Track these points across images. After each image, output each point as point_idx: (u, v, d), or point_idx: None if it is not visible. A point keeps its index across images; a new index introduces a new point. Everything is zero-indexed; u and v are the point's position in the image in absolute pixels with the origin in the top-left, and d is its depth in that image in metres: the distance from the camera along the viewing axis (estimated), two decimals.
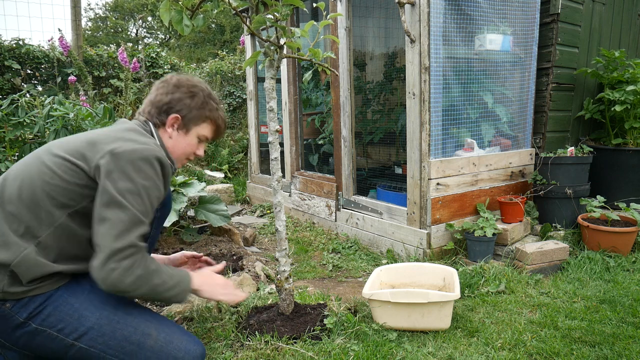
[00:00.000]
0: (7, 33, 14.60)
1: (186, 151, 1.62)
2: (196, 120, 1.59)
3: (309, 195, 3.72)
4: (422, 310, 1.84)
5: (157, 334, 1.42)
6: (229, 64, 6.99)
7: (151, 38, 20.31)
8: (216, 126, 1.64)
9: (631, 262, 2.58)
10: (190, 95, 1.58)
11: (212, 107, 1.61)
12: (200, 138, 1.63)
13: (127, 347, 1.36)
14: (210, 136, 1.65)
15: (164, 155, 1.42)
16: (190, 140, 1.61)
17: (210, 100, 1.62)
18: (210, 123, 1.62)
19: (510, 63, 3.03)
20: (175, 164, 1.62)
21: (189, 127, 1.59)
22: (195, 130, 1.60)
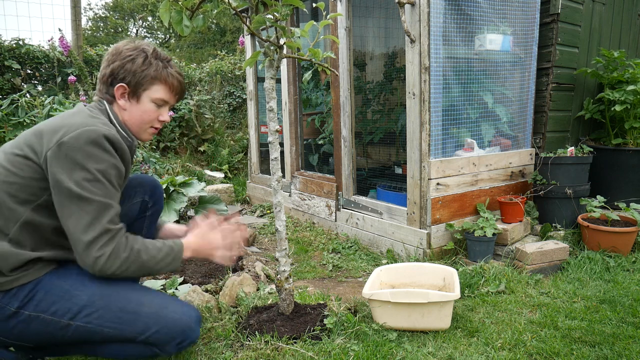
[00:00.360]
0: (7, 33, 14.60)
1: (144, 119, 1.53)
2: (143, 84, 1.48)
3: (309, 195, 3.72)
4: (422, 310, 1.84)
5: (151, 301, 1.44)
6: (229, 64, 6.99)
7: (151, 38, 20.31)
8: (169, 85, 1.52)
9: (631, 262, 2.58)
10: (131, 59, 1.47)
11: (158, 66, 1.49)
12: (156, 102, 1.52)
13: (124, 316, 1.38)
14: (166, 97, 1.53)
15: (112, 132, 1.37)
16: (144, 107, 1.51)
17: (154, 59, 1.50)
18: (161, 83, 1.50)
19: (510, 63, 3.03)
20: (139, 135, 1.56)
21: (138, 93, 1.49)
22: (146, 95, 1.50)
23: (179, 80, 1.55)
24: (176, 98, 1.58)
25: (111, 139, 1.36)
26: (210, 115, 5.83)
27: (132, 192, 1.74)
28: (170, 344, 1.44)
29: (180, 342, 1.46)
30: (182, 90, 1.58)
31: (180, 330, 1.45)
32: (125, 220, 1.68)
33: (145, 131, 1.56)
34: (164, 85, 1.51)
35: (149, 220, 1.79)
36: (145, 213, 1.77)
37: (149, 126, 1.55)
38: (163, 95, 1.52)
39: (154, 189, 1.80)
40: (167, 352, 1.46)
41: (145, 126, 1.54)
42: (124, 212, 1.68)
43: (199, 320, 1.53)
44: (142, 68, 1.47)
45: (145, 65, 1.48)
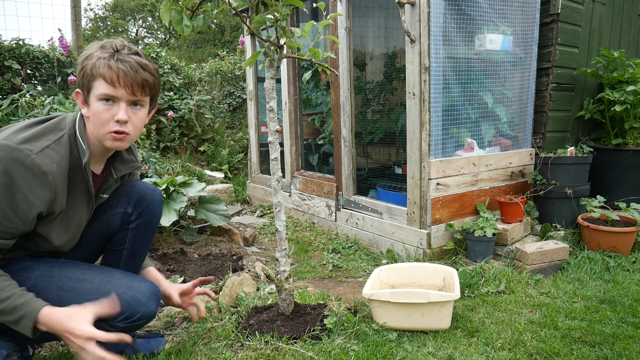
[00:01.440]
0: (7, 33, 14.60)
1: (97, 123, 1.38)
2: (88, 86, 1.37)
3: (309, 195, 3.72)
4: (422, 310, 1.84)
5: (93, 278, 1.40)
6: (229, 64, 6.99)
7: (151, 38, 20.31)
8: (104, 77, 1.34)
9: (631, 262, 2.58)
10: (80, 67, 1.38)
11: (93, 62, 1.35)
12: (100, 98, 1.36)
13: (63, 295, 1.36)
14: (109, 91, 1.36)
15: (29, 157, 1.25)
16: (94, 109, 1.37)
17: (99, 51, 1.37)
18: (99, 78, 1.35)
19: (510, 63, 3.03)
20: (104, 144, 1.40)
21: (88, 97, 1.38)
22: (92, 96, 1.37)
23: (120, 69, 1.34)
24: (128, 90, 1.37)
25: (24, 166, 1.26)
26: (210, 115, 5.83)
27: (115, 201, 1.64)
28: (117, 319, 1.39)
29: (127, 317, 1.40)
30: (132, 79, 1.36)
31: (125, 305, 1.38)
32: (104, 231, 1.63)
33: (105, 136, 1.39)
34: (101, 79, 1.35)
35: (133, 232, 1.66)
36: (128, 225, 1.65)
37: (107, 130, 1.38)
38: (104, 90, 1.35)
39: (140, 199, 1.65)
40: (117, 327, 1.40)
41: (102, 131, 1.38)
42: (104, 220, 1.61)
43: (152, 294, 1.45)
44: (85, 67, 1.36)
45: (86, 62, 1.36)
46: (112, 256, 1.68)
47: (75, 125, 1.41)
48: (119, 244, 1.66)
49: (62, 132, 1.39)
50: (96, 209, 1.60)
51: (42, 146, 1.30)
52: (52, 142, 1.33)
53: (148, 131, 5.08)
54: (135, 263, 1.73)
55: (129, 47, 1.41)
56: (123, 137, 1.40)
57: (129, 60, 1.36)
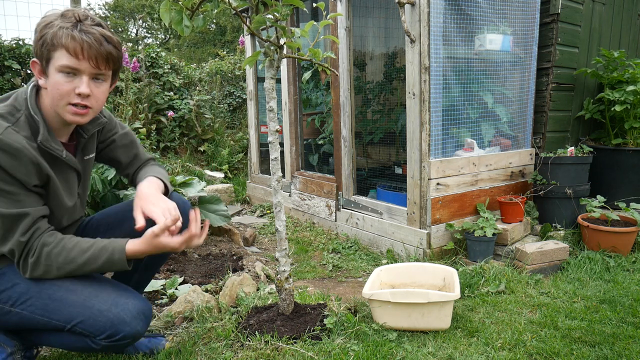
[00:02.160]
0: (7, 33, 14.60)
1: (55, 95, 1.32)
2: (47, 55, 1.29)
3: (309, 195, 3.72)
4: (422, 310, 1.84)
5: (82, 289, 1.39)
6: (229, 64, 6.99)
7: (151, 38, 20.32)
8: (66, 47, 1.27)
9: (631, 262, 2.58)
10: (39, 35, 1.30)
11: (54, 32, 1.28)
12: (62, 71, 1.30)
13: (50, 304, 1.36)
14: (71, 63, 1.29)
15: None
16: (53, 80, 1.31)
17: (59, 20, 1.29)
18: (60, 48, 1.28)
19: (510, 63, 3.03)
20: (63, 117, 1.36)
21: (46, 68, 1.31)
22: (52, 67, 1.30)
23: (84, 40, 1.28)
24: (92, 63, 1.31)
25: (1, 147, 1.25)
26: (210, 115, 5.83)
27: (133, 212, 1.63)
28: (99, 336, 1.36)
29: (110, 336, 1.36)
30: (96, 51, 1.30)
31: (108, 323, 1.35)
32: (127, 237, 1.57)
33: (64, 109, 1.34)
34: (63, 49, 1.27)
35: None
36: None
37: (66, 103, 1.33)
38: (65, 61, 1.28)
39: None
40: (99, 344, 1.38)
41: (61, 103, 1.33)
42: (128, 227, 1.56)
43: (138, 313, 1.40)
44: (43, 36, 1.28)
45: (45, 30, 1.28)
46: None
47: (28, 104, 1.34)
48: None
49: (19, 114, 1.34)
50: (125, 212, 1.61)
51: (3, 127, 1.28)
52: (11, 123, 1.30)
53: (148, 131, 5.08)
54: (149, 275, 1.76)
55: (92, 18, 1.34)
56: (85, 112, 1.36)
57: (93, 32, 1.30)
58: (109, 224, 1.66)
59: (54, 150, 1.39)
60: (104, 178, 2.60)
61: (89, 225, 1.68)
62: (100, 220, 1.68)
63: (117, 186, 2.74)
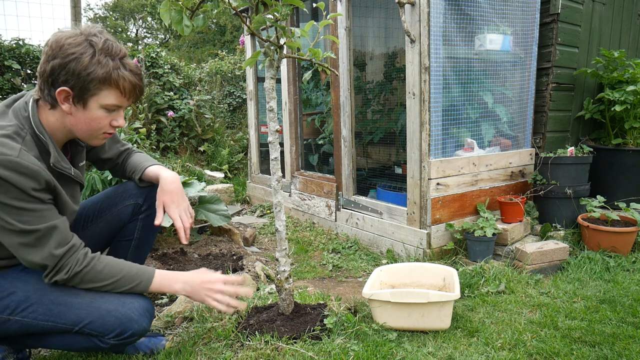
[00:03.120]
0: (7, 33, 14.61)
1: (93, 127, 1.35)
2: (90, 88, 1.28)
3: (309, 195, 3.72)
4: (422, 310, 1.84)
5: (86, 292, 1.40)
6: (229, 64, 7.00)
7: (151, 38, 20.32)
8: (121, 89, 1.31)
9: (631, 262, 2.58)
10: (74, 59, 1.25)
11: (108, 67, 1.27)
12: (107, 108, 1.33)
13: (54, 309, 1.37)
14: (118, 102, 1.33)
15: (13, 161, 1.22)
16: (92, 114, 1.32)
17: (104, 56, 1.28)
18: (112, 87, 1.30)
19: (510, 63, 3.03)
20: (89, 141, 1.42)
21: (84, 98, 1.30)
22: (95, 101, 1.31)
23: (133, 82, 1.34)
24: (131, 101, 1.38)
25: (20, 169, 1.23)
26: (210, 115, 5.83)
27: (127, 194, 1.70)
28: (108, 335, 1.40)
29: (119, 334, 1.40)
30: (138, 92, 1.38)
31: (117, 322, 1.39)
32: (115, 223, 1.70)
33: (97, 137, 1.41)
34: (115, 90, 1.31)
35: (142, 222, 1.72)
36: (138, 216, 1.71)
37: (101, 132, 1.39)
38: (114, 101, 1.33)
39: (151, 190, 1.70)
40: (107, 343, 1.42)
41: (96, 133, 1.39)
42: (116, 213, 1.68)
43: (145, 311, 1.45)
44: (89, 71, 1.26)
45: (92, 66, 1.26)
46: (120, 247, 1.72)
47: (32, 124, 1.33)
48: (128, 235, 1.71)
49: (24, 133, 1.31)
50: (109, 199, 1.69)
51: (17, 148, 1.26)
52: (21, 144, 1.28)
53: (148, 131, 5.08)
54: (142, 254, 1.79)
55: (125, 51, 1.36)
56: (110, 136, 1.45)
57: (133, 69, 1.35)
58: (90, 217, 1.70)
59: (64, 170, 1.41)
60: (104, 178, 2.61)
61: (78, 215, 1.69)
62: (81, 214, 1.70)
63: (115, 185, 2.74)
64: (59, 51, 1.25)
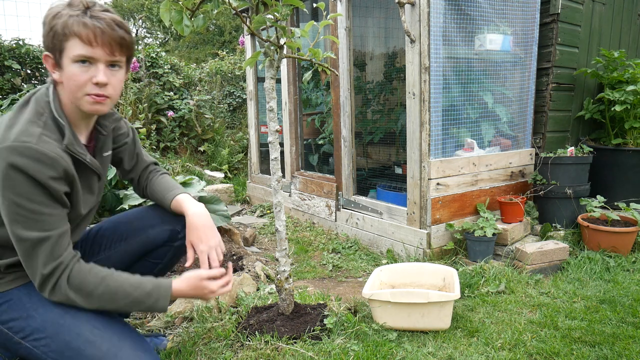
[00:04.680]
0: (7, 33, 14.59)
1: (72, 87, 1.27)
2: (59, 47, 1.24)
3: (309, 195, 3.72)
4: (422, 310, 1.84)
5: (101, 343, 1.31)
6: (229, 64, 7.00)
7: (151, 38, 20.31)
8: (79, 35, 1.22)
9: (631, 262, 2.58)
10: (48, 27, 1.24)
11: (64, 21, 1.22)
12: (76, 59, 1.24)
13: (66, 352, 1.30)
14: (85, 52, 1.24)
15: (31, 149, 1.18)
16: (68, 72, 1.26)
17: (67, 9, 1.23)
18: (72, 37, 1.22)
19: (510, 63, 3.03)
20: (81, 108, 1.31)
21: (60, 60, 1.26)
22: (65, 58, 1.25)
23: (97, 27, 1.22)
24: (106, 50, 1.25)
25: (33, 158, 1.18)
26: (210, 115, 5.83)
27: (165, 217, 1.63)
28: None
29: None
30: (108, 37, 1.25)
31: None
32: (148, 243, 1.62)
33: (82, 100, 1.29)
34: (76, 38, 1.22)
35: (174, 250, 1.67)
36: (173, 243, 1.65)
37: (83, 93, 1.28)
38: (81, 50, 1.23)
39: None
40: None
41: (79, 94, 1.28)
42: (152, 235, 1.61)
43: None
44: (51, 25, 1.22)
45: (54, 20, 1.22)
46: (145, 266, 1.66)
47: (51, 106, 1.30)
48: (157, 258, 1.66)
49: (44, 117, 1.29)
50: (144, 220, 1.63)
51: (37, 133, 1.22)
52: (41, 128, 1.25)
53: (148, 131, 5.08)
54: (161, 275, 1.74)
55: (99, 4, 1.29)
56: (103, 100, 1.31)
57: (103, 17, 1.25)
58: (122, 235, 1.62)
59: (79, 154, 1.34)
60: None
61: (99, 235, 1.62)
62: (112, 230, 1.63)
63: (117, 186, 2.74)
64: (43, 27, 1.26)
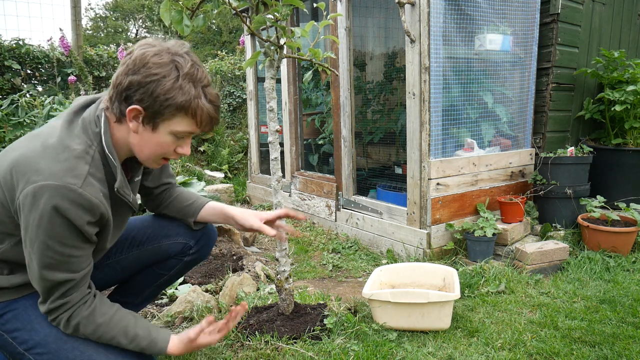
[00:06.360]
0: (7, 33, 14.58)
1: (157, 151, 1.25)
2: (164, 113, 1.18)
3: (309, 195, 3.72)
4: (422, 310, 1.84)
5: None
6: (229, 64, 6.99)
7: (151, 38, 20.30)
8: (197, 118, 1.20)
9: (631, 262, 2.58)
10: (156, 80, 1.15)
11: (190, 94, 1.18)
12: (176, 135, 1.23)
13: None
14: (190, 129, 1.22)
15: (76, 193, 1.13)
16: (160, 139, 1.22)
17: (187, 82, 1.18)
18: (187, 114, 1.19)
19: (510, 63, 3.03)
20: (146, 163, 1.32)
21: (155, 122, 1.20)
22: (165, 126, 1.21)
23: (210, 114, 1.22)
24: (204, 130, 1.26)
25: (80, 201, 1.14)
26: None
27: (180, 230, 1.63)
28: None
29: None
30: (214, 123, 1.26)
31: None
32: (160, 255, 1.61)
33: (155, 161, 1.30)
34: (191, 119, 1.21)
35: (184, 264, 1.66)
36: (183, 257, 1.65)
37: (161, 157, 1.29)
38: (187, 129, 1.22)
39: (204, 236, 1.67)
40: None
41: (156, 157, 1.28)
42: (165, 246, 1.60)
43: None
44: (168, 96, 1.16)
45: (173, 91, 1.16)
46: (151, 275, 1.66)
47: (103, 142, 1.24)
48: (165, 269, 1.66)
49: (92, 150, 1.22)
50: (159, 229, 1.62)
51: (84, 173, 1.16)
52: (89, 165, 1.19)
53: None
54: (165, 286, 1.75)
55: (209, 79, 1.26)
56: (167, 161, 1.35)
57: (214, 100, 1.23)
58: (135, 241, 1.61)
59: (125, 196, 1.31)
60: None
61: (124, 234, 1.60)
62: (126, 235, 1.60)
63: None
64: (141, 67, 1.16)
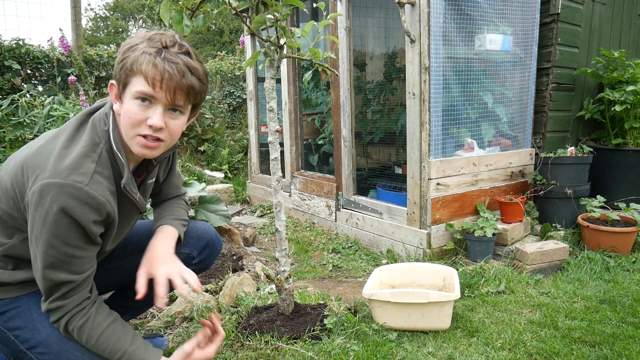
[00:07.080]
0: (7, 33, 14.59)
1: (128, 122, 1.20)
2: (125, 79, 1.19)
3: (309, 195, 3.72)
4: (422, 310, 1.84)
5: None
6: (229, 64, 7.00)
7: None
8: (145, 75, 1.16)
9: (631, 262, 2.58)
10: (120, 57, 1.20)
11: (136, 56, 1.17)
12: (136, 96, 1.18)
13: None
14: (143, 88, 1.17)
15: (82, 191, 1.13)
16: (126, 106, 1.20)
17: (134, 50, 1.18)
18: (138, 74, 1.17)
19: (510, 63, 3.03)
20: (130, 147, 1.25)
21: (123, 92, 1.21)
22: (128, 92, 1.19)
23: (166, 70, 1.16)
24: (169, 95, 1.19)
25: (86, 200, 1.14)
26: (210, 115, 5.83)
27: (185, 240, 1.61)
28: None
29: None
30: (176, 83, 1.18)
31: None
32: None
33: (132, 140, 1.23)
34: (140, 76, 1.17)
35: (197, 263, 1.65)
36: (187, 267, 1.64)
37: (135, 133, 1.21)
38: (143, 88, 1.17)
39: (207, 247, 1.66)
40: None
41: (130, 132, 1.21)
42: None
43: None
44: (122, 60, 1.19)
45: (125, 57, 1.18)
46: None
47: (111, 138, 1.24)
48: None
49: (100, 148, 1.22)
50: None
51: (90, 171, 1.17)
52: (95, 163, 1.19)
53: None
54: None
55: (180, 44, 1.22)
56: (155, 145, 1.23)
57: (177, 61, 1.18)
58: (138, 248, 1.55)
59: (131, 193, 1.30)
60: None
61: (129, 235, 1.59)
62: (129, 239, 1.60)
63: None
64: (123, 50, 1.21)
